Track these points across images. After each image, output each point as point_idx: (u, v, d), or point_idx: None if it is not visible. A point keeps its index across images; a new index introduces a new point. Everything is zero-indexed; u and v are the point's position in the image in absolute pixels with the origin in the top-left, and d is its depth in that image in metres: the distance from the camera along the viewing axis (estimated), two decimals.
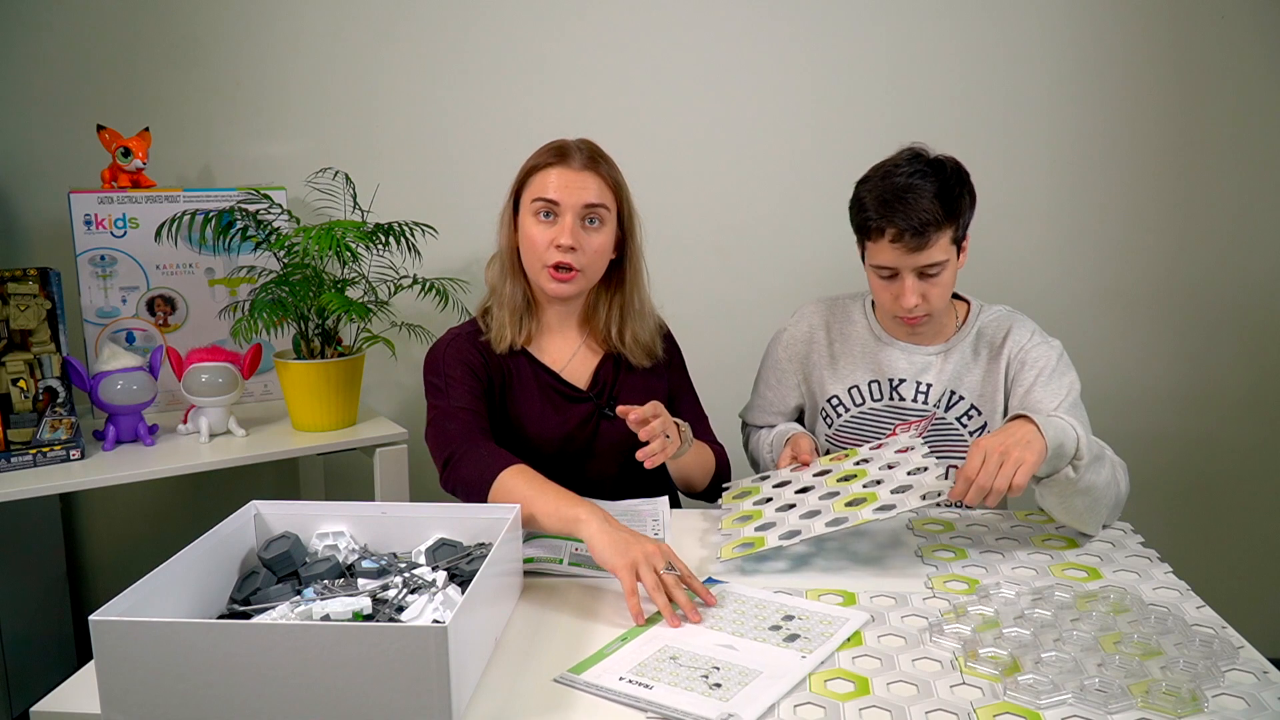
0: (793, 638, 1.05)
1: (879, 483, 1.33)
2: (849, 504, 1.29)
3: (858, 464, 1.43)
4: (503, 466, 1.31)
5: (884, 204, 1.42)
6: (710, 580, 1.21)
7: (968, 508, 1.15)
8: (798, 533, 1.25)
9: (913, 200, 1.40)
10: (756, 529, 1.31)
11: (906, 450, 1.41)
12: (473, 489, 1.32)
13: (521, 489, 1.27)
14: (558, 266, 1.45)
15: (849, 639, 1.05)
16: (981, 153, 1.49)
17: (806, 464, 1.50)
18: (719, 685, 0.96)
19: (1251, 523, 2.32)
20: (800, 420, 1.73)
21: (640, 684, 0.96)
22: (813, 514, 1.29)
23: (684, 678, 0.98)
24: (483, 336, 1.54)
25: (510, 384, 1.53)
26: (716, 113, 2.21)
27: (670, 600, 1.10)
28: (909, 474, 1.32)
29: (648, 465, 1.31)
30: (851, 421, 1.61)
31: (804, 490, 1.39)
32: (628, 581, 1.11)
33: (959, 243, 1.47)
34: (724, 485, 1.55)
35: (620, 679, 0.97)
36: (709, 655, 1.02)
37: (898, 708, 0.91)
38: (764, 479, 1.51)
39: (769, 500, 1.40)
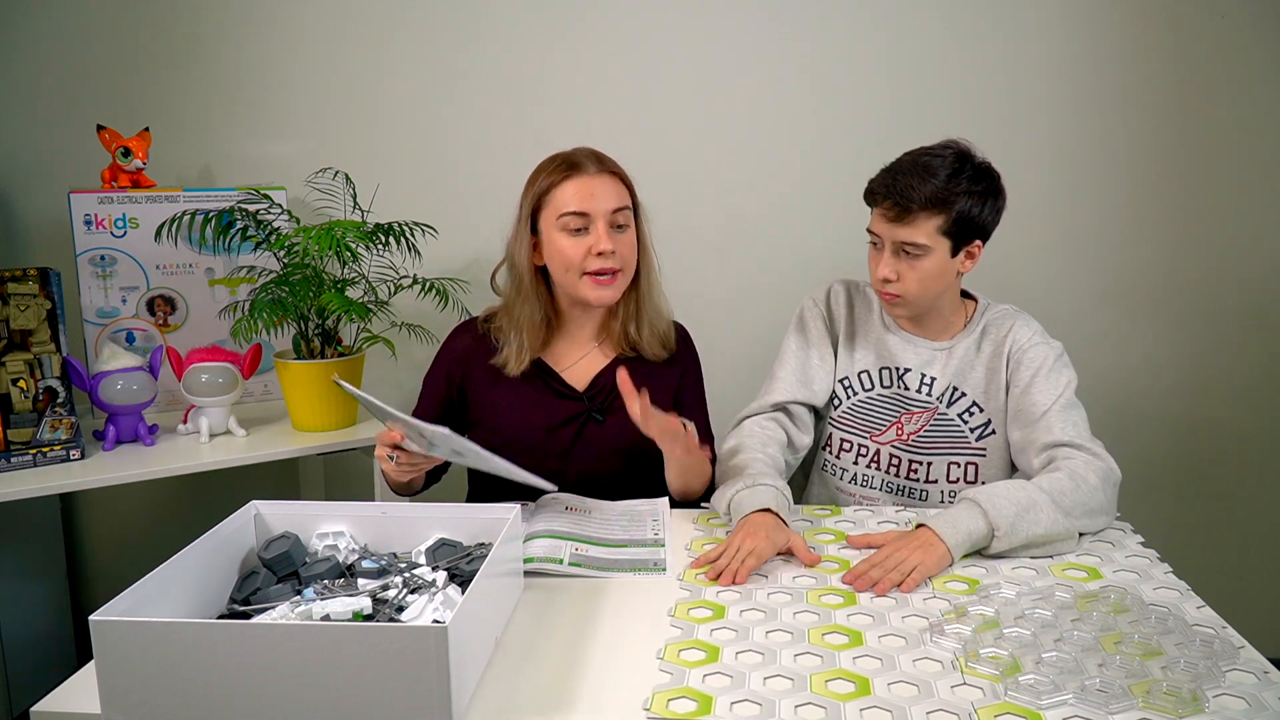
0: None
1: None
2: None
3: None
4: None
5: (890, 172, 1.47)
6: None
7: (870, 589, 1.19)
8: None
9: (913, 176, 1.43)
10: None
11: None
12: None
13: None
14: (599, 272, 1.46)
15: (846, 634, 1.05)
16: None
17: (813, 563, 1.27)
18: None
19: (1252, 523, 2.32)
20: (815, 411, 1.64)
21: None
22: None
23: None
24: (492, 360, 1.54)
25: (500, 376, 1.53)
26: (716, 112, 2.21)
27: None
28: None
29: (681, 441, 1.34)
30: (857, 407, 1.61)
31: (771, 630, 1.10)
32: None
33: (953, 237, 1.45)
34: (703, 504, 1.51)
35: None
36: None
37: (898, 708, 0.91)
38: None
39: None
